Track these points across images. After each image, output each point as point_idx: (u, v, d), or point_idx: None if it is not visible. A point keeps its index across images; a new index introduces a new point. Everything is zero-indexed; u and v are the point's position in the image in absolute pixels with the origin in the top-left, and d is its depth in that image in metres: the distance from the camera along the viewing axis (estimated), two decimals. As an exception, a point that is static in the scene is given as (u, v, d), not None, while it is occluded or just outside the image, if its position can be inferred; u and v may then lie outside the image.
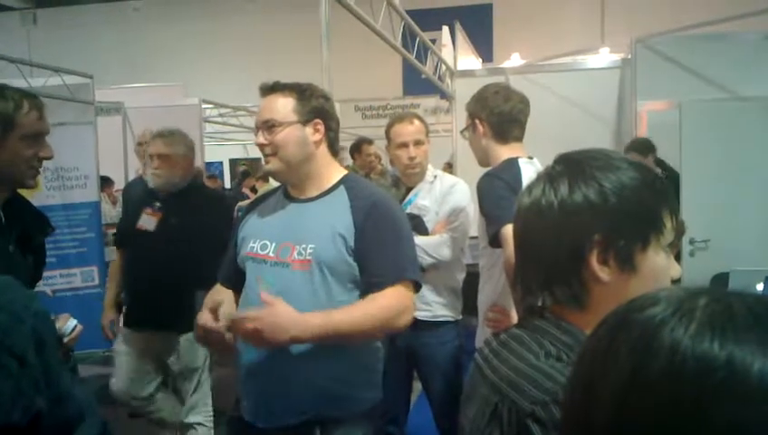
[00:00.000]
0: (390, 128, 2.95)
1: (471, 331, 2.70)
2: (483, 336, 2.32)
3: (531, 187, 0.94)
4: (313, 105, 1.86)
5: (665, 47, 5.66)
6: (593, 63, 6.40)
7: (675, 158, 5.01)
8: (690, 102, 5.19)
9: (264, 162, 1.87)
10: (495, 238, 2.15)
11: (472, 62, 7.01)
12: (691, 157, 5.05)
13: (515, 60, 6.87)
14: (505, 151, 2.40)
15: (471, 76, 6.35)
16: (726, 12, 5.27)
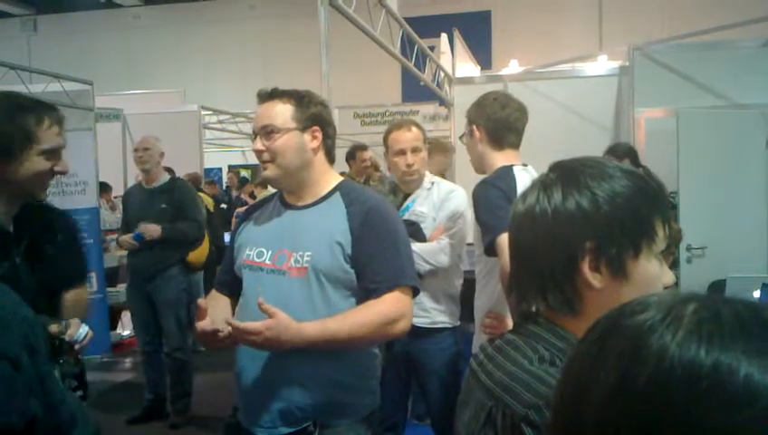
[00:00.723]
0: (388, 135, 2.95)
1: (469, 337, 2.70)
2: (479, 342, 2.33)
3: (525, 194, 0.95)
4: (312, 112, 1.86)
5: (662, 55, 5.69)
6: (591, 71, 6.43)
7: (672, 165, 5.03)
8: (687, 110, 5.21)
9: (262, 169, 1.87)
10: (491, 247, 2.16)
11: (470, 69, 7.04)
12: (688, 164, 5.06)
13: (514, 67, 6.89)
14: (500, 158, 2.41)
15: (469, 83, 6.38)
16: (723, 20, 5.30)
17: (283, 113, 1.83)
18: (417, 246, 2.50)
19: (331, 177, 1.92)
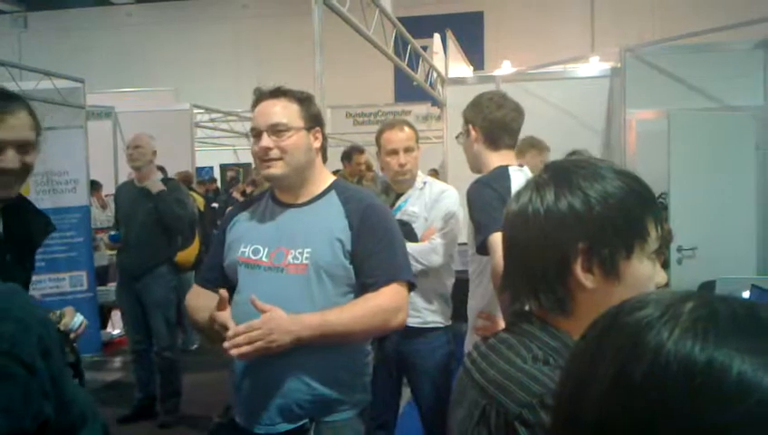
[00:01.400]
0: (381, 135, 2.96)
1: (460, 337, 2.70)
2: (472, 342, 2.33)
3: (519, 194, 0.95)
4: (313, 112, 1.89)
5: (654, 57, 5.71)
6: (583, 72, 6.44)
7: (663, 166, 5.05)
8: (679, 112, 5.23)
9: (266, 166, 1.83)
10: (483, 246, 2.17)
11: (463, 69, 7.05)
12: (679, 166, 5.08)
13: (506, 68, 6.90)
14: (496, 158, 2.42)
15: (462, 84, 6.39)
16: (715, 22, 5.32)
17: (292, 112, 1.84)
18: (409, 246, 2.49)
19: (325, 176, 1.95)
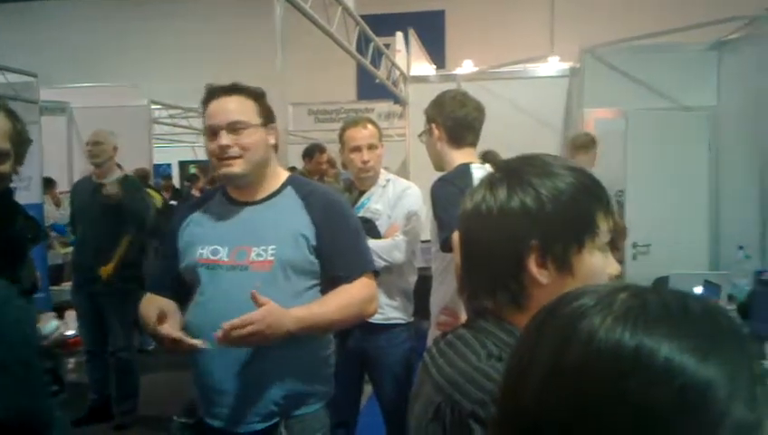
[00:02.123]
0: (344, 132, 2.95)
1: (422, 333, 2.72)
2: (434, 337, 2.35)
3: (473, 192, 0.95)
4: (268, 108, 1.88)
5: (612, 57, 5.82)
6: (542, 72, 6.53)
7: (620, 165, 5.16)
8: (636, 111, 5.34)
9: (225, 165, 1.80)
10: (446, 243, 2.19)
11: (425, 67, 7.08)
12: (635, 164, 5.20)
13: (468, 66, 6.95)
14: (459, 156, 2.44)
15: (424, 82, 6.42)
16: (672, 23, 5.44)
17: (248, 109, 1.82)
18: (372, 243, 2.50)
19: (280, 172, 1.95)
